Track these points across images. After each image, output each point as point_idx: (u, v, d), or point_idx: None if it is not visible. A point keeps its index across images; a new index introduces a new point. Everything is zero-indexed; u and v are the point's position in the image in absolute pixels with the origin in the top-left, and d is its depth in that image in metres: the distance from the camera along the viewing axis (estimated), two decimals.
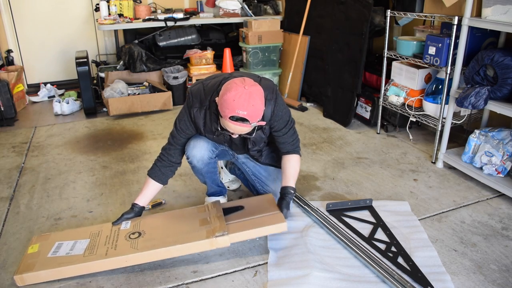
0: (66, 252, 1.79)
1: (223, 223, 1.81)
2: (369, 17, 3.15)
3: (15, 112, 3.77)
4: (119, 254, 1.72)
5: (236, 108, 1.56)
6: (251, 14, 4.46)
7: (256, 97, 1.60)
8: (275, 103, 1.79)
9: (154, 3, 4.66)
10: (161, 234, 1.83)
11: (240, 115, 1.58)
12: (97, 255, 1.73)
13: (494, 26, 2.20)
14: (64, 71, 4.81)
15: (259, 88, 1.64)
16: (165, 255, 1.76)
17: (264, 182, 2.12)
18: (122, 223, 1.94)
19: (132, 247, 1.75)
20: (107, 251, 1.75)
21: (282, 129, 1.88)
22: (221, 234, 1.75)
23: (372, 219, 2.13)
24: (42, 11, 4.56)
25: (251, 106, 1.58)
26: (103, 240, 1.83)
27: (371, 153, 2.95)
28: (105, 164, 2.84)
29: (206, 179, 2.10)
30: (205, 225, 1.84)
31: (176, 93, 4.04)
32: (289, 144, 1.95)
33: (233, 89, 1.58)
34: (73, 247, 1.81)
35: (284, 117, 1.86)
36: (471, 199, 2.33)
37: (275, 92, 1.81)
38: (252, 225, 1.82)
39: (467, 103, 2.29)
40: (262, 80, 1.82)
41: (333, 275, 1.72)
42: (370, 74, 3.50)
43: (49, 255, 1.78)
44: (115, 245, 1.79)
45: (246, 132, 1.70)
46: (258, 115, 1.63)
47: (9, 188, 2.54)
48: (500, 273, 1.75)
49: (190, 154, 1.94)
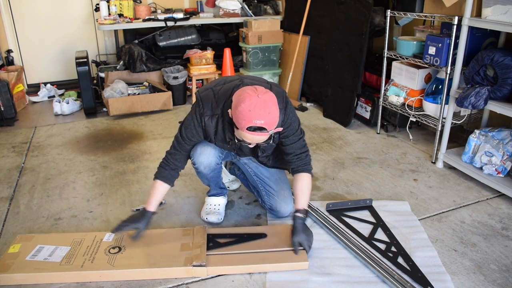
0: (44, 257, 1.79)
1: (203, 252, 1.76)
2: (369, 17, 3.15)
3: (15, 112, 3.77)
4: (94, 269, 1.72)
5: (253, 118, 1.53)
6: (251, 14, 4.46)
7: (271, 104, 1.57)
8: (285, 111, 1.76)
9: (154, 3, 4.66)
10: (140, 253, 1.80)
11: (258, 125, 1.55)
12: (72, 266, 1.73)
13: (494, 26, 2.20)
14: (64, 71, 4.81)
15: (272, 95, 1.61)
16: (140, 276, 1.73)
17: (266, 183, 2.10)
18: (105, 234, 1.92)
19: (109, 263, 1.74)
20: (84, 263, 1.74)
21: (290, 136, 1.83)
22: (199, 264, 1.71)
23: (372, 219, 2.13)
24: (42, 11, 4.56)
25: (268, 114, 1.55)
26: (83, 250, 1.82)
27: (371, 153, 2.95)
28: (105, 164, 2.84)
29: (210, 183, 2.09)
30: (185, 251, 1.79)
31: (176, 93, 4.04)
32: (297, 158, 1.88)
33: (246, 99, 1.55)
34: (52, 253, 1.81)
35: (293, 124, 1.82)
36: (471, 199, 2.33)
37: (285, 100, 1.77)
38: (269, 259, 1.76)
39: (467, 103, 2.29)
40: (273, 86, 1.79)
41: (333, 278, 1.72)
42: (370, 74, 3.50)
43: (28, 258, 1.78)
44: (93, 257, 1.78)
45: (263, 140, 1.66)
46: (275, 122, 1.60)
47: (9, 188, 2.54)
48: (500, 273, 1.75)
49: (197, 161, 1.91)
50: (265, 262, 1.74)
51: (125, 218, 1.89)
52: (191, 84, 4.20)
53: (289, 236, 1.85)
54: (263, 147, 1.90)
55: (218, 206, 2.16)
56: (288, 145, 1.86)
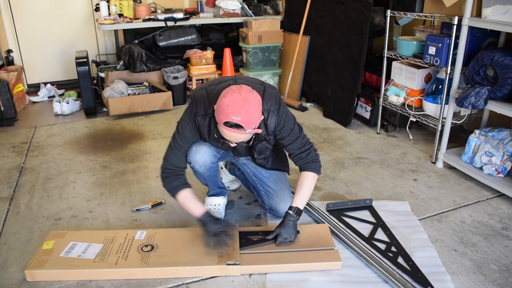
0: (78, 254, 1.81)
1: (236, 251, 1.77)
2: (369, 17, 3.15)
3: (15, 112, 3.77)
4: (128, 266, 1.73)
5: (230, 113, 1.53)
6: (251, 14, 4.46)
7: (251, 103, 1.55)
8: (277, 114, 1.75)
9: (154, 3, 4.66)
10: (173, 251, 1.81)
11: (234, 121, 1.53)
12: (107, 263, 1.75)
13: (494, 26, 2.20)
14: (64, 71, 4.81)
15: (256, 95, 1.59)
16: (174, 274, 1.74)
17: (265, 183, 2.10)
18: (137, 232, 1.92)
19: (143, 261, 1.76)
20: (117, 261, 1.76)
21: (286, 137, 1.82)
22: (233, 263, 1.72)
23: (372, 219, 2.13)
24: (42, 11, 4.56)
25: (246, 112, 1.53)
26: (115, 248, 1.83)
27: (371, 153, 2.95)
28: (105, 164, 2.84)
29: (208, 182, 2.09)
30: (218, 250, 1.79)
31: (176, 93, 4.04)
32: (297, 157, 1.87)
33: (228, 95, 1.55)
34: (85, 250, 1.83)
35: (287, 125, 1.80)
36: (471, 199, 2.33)
37: (278, 102, 1.76)
38: (302, 258, 1.76)
39: (467, 103, 2.29)
40: (266, 88, 1.77)
41: (332, 277, 1.72)
42: (370, 74, 3.50)
43: (62, 254, 1.81)
44: (126, 255, 1.79)
45: (243, 140, 1.64)
46: (253, 122, 1.58)
47: (9, 188, 2.54)
48: (500, 273, 1.75)
49: (192, 160, 1.92)
50: (298, 262, 1.74)
51: (206, 231, 1.82)
52: (191, 84, 4.20)
53: (320, 236, 1.87)
54: (259, 149, 1.88)
55: (218, 206, 2.16)
56: (286, 146, 1.86)
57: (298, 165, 1.90)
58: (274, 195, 2.09)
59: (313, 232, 1.93)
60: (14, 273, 1.79)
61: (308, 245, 1.83)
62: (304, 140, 1.87)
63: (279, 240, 1.80)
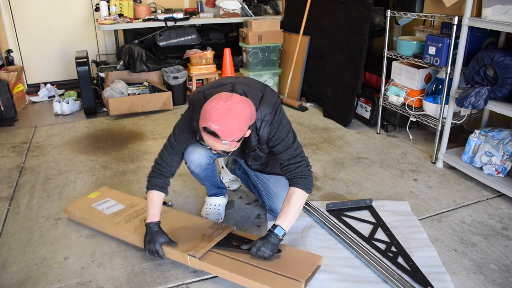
0: (102, 208, 2.14)
1: (206, 247, 1.76)
2: (369, 17, 3.15)
3: (15, 112, 3.76)
4: (123, 229, 1.97)
5: (209, 120, 1.48)
6: (251, 14, 4.46)
7: (233, 114, 1.48)
8: (271, 124, 1.69)
9: (154, 3, 4.66)
10: (165, 229, 1.85)
11: (212, 128, 1.48)
12: (112, 221, 2.03)
13: (494, 26, 2.20)
14: (64, 71, 4.81)
15: (242, 108, 1.52)
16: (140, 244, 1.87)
17: (266, 184, 2.10)
18: None
19: (135, 229, 1.95)
20: (120, 222, 2.01)
21: (277, 145, 1.74)
22: (193, 255, 1.72)
23: (372, 219, 2.13)
24: (42, 11, 4.56)
25: (225, 123, 1.47)
26: (129, 212, 2.09)
27: (371, 153, 2.95)
28: (105, 164, 2.84)
29: (205, 182, 2.09)
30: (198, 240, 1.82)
31: (176, 93, 4.04)
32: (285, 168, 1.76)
33: (214, 101, 1.51)
34: (110, 207, 2.15)
35: (279, 134, 1.72)
36: (471, 199, 2.33)
37: (274, 111, 1.68)
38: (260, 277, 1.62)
39: (467, 103, 2.29)
40: (265, 95, 1.70)
41: (333, 276, 1.72)
42: (370, 74, 3.50)
43: (93, 205, 2.17)
44: (130, 220, 2.03)
45: (220, 149, 1.58)
46: (231, 134, 1.50)
47: (9, 188, 2.54)
48: (500, 273, 1.75)
49: (188, 160, 1.92)
50: (251, 278, 1.62)
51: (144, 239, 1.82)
52: (191, 84, 4.20)
53: (301, 264, 1.69)
54: (252, 156, 1.86)
55: (218, 206, 2.16)
56: (277, 154, 1.78)
57: (287, 178, 1.78)
58: (274, 196, 2.08)
59: (298, 258, 1.74)
60: (14, 273, 1.79)
61: (278, 267, 1.67)
62: (296, 152, 1.75)
63: (253, 251, 1.70)
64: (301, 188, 1.73)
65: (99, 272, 1.80)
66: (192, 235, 1.87)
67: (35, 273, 1.80)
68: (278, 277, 1.62)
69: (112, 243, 1.98)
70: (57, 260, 1.88)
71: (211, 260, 1.73)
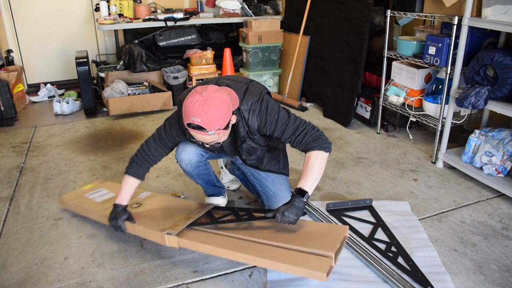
0: (94, 197, 2.20)
1: (183, 224, 1.77)
2: (369, 17, 3.15)
3: (15, 112, 3.77)
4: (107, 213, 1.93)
5: (190, 115, 1.50)
6: (251, 14, 4.46)
7: (211, 104, 1.50)
8: (259, 112, 1.69)
9: (154, 3, 4.66)
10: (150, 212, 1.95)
11: (195, 123, 1.50)
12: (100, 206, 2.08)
13: (494, 26, 2.20)
14: (64, 71, 4.81)
15: (219, 95, 1.53)
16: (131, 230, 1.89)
17: (264, 184, 2.09)
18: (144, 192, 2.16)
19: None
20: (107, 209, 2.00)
21: (275, 129, 1.73)
22: (169, 232, 1.73)
23: (372, 219, 2.13)
24: (42, 11, 4.56)
25: (205, 113, 1.49)
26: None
27: (371, 153, 2.95)
28: (105, 164, 2.84)
29: (198, 181, 2.09)
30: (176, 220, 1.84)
31: (176, 93, 4.03)
32: (295, 143, 1.73)
33: (190, 96, 1.53)
34: (101, 196, 2.21)
35: (270, 118, 1.71)
36: (471, 199, 2.33)
37: (260, 100, 1.70)
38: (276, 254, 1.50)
39: (467, 103, 2.29)
40: (250, 87, 1.73)
41: (333, 276, 1.72)
42: (370, 74, 3.50)
43: (86, 194, 2.23)
44: None
45: (210, 140, 1.59)
46: (214, 123, 1.51)
47: (9, 188, 2.54)
48: (500, 273, 1.75)
49: (178, 158, 1.94)
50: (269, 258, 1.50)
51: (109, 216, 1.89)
52: (191, 84, 4.20)
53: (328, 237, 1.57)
54: (246, 150, 1.84)
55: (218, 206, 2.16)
56: (281, 137, 1.76)
57: (301, 151, 1.74)
58: (272, 196, 2.07)
59: (322, 231, 1.64)
60: (14, 273, 1.80)
61: (302, 243, 1.52)
62: (296, 123, 1.73)
63: (277, 217, 1.62)
64: (316, 149, 1.69)
65: (99, 272, 1.80)
66: (174, 216, 1.88)
67: (35, 273, 1.80)
68: (304, 255, 1.46)
69: (112, 243, 1.98)
70: (57, 260, 1.88)
71: (190, 237, 1.73)
